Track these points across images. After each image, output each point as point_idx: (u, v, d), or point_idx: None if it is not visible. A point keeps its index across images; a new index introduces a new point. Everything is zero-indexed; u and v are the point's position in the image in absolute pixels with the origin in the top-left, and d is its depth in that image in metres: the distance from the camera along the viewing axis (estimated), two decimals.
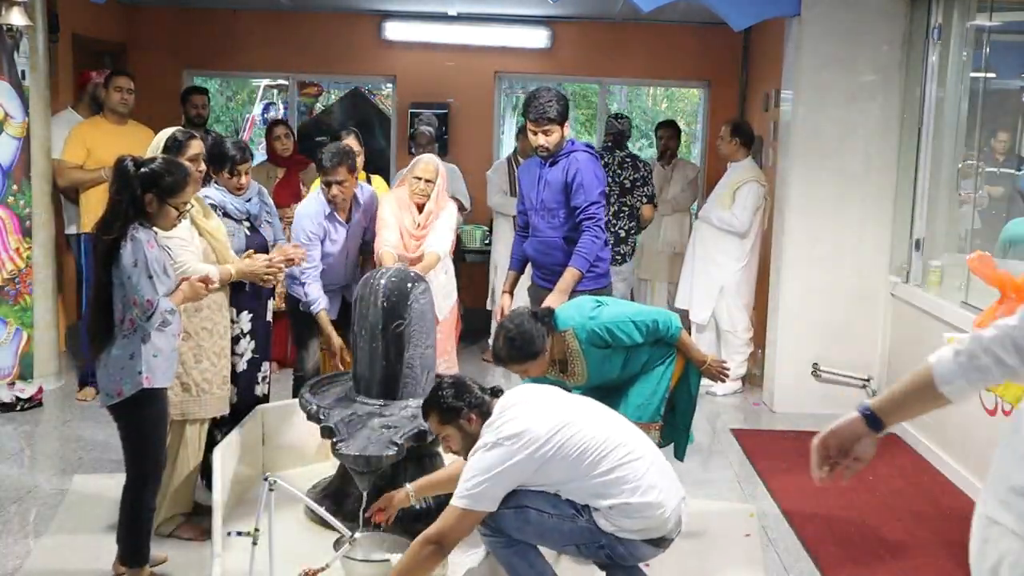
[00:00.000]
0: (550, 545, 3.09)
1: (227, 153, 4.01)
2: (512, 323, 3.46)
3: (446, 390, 3.06)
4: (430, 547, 2.91)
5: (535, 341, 3.42)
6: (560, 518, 2.95)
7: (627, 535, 2.95)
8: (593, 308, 3.61)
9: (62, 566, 3.68)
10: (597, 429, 2.97)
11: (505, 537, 2.98)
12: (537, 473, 2.92)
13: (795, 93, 5.88)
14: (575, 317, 3.58)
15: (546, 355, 3.49)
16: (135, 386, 3.22)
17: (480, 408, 3.03)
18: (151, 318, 3.16)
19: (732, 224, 6.18)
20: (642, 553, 3.02)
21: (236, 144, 4.09)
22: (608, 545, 2.96)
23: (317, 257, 4.60)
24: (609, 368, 3.64)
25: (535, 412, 2.97)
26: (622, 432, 3.05)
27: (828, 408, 5.91)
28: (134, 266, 3.11)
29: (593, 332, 3.53)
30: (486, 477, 2.87)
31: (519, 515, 2.94)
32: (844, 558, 3.97)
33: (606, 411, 3.18)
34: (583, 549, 3.02)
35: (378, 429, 3.60)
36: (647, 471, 2.96)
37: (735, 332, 6.36)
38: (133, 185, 3.15)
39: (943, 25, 5.46)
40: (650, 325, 3.59)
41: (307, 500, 3.38)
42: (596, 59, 8.36)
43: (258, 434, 4.21)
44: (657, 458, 3.08)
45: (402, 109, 8.38)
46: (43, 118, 5.74)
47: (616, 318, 3.57)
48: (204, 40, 8.19)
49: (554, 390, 3.24)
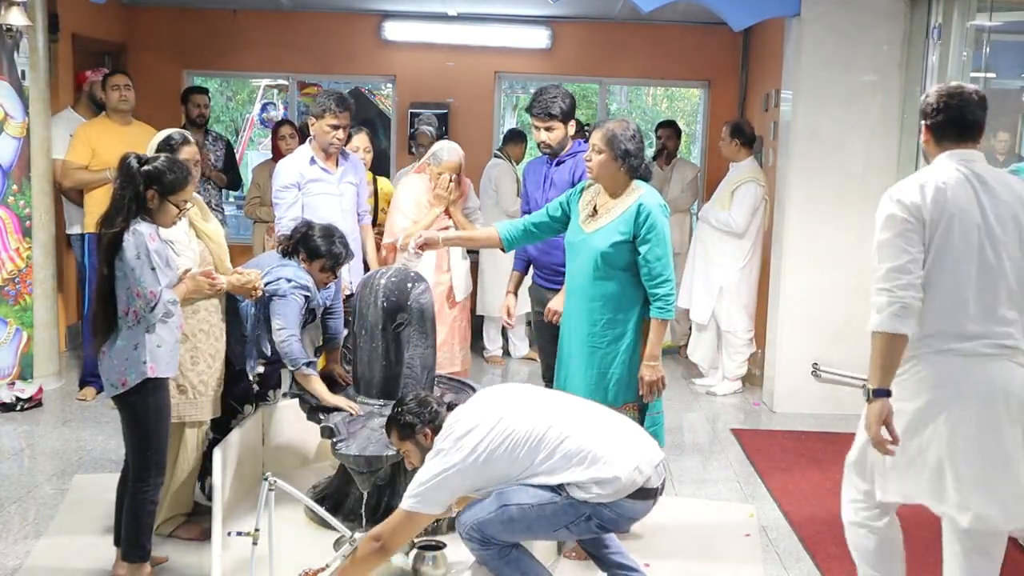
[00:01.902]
0: (541, 536, 3.10)
1: (332, 250, 3.90)
2: (627, 119, 3.76)
3: (407, 406, 3.16)
4: (374, 545, 3.00)
5: (637, 157, 3.67)
6: (540, 505, 2.95)
7: (606, 499, 2.93)
8: (664, 206, 3.72)
9: (62, 566, 3.68)
10: (527, 419, 3.00)
11: (495, 547, 2.99)
12: (482, 474, 2.97)
13: (795, 93, 5.88)
14: (650, 190, 3.73)
15: (620, 169, 3.68)
16: (139, 375, 3.27)
17: (434, 423, 3.11)
18: (155, 309, 3.22)
19: (729, 224, 6.19)
20: (630, 510, 2.99)
21: (342, 240, 3.96)
22: (594, 514, 2.95)
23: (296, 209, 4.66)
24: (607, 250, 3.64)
25: (473, 419, 3.04)
26: (554, 413, 3.05)
27: (828, 408, 5.97)
28: (137, 258, 3.18)
29: (651, 211, 3.62)
30: (430, 482, 2.95)
31: (500, 516, 2.96)
32: (844, 558, 3.95)
33: (544, 396, 3.23)
34: (574, 528, 3.01)
35: (378, 429, 3.60)
36: (588, 441, 2.96)
37: (735, 332, 6.36)
38: (136, 181, 3.23)
39: (943, 25, 5.47)
40: (668, 274, 3.64)
41: (307, 500, 3.38)
42: (596, 59, 8.36)
43: (258, 434, 4.21)
44: (601, 422, 3.08)
45: (402, 109, 8.39)
46: (43, 118, 5.74)
47: (668, 235, 3.67)
48: (204, 40, 8.20)
49: (501, 389, 3.28)
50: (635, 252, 3.63)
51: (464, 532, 3.02)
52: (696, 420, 5.93)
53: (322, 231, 3.96)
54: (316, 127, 4.72)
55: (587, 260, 3.71)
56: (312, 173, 4.75)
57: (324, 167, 4.76)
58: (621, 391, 3.68)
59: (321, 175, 4.76)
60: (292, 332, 3.74)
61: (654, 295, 3.64)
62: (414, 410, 3.13)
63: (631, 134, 3.66)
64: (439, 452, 2.99)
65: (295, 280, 3.82)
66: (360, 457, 3.44)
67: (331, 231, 3.97)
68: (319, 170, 4.76)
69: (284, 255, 3.95)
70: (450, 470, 2.95)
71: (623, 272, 3.67)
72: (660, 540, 4.03)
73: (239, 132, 12.46)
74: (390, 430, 3.21)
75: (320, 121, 4.69)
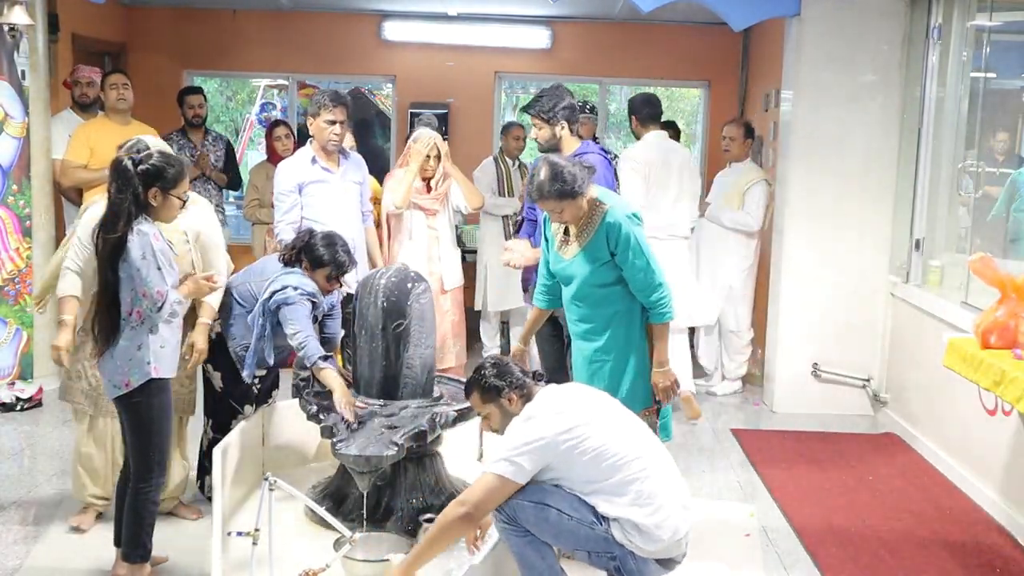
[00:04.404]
0: (563, 545, 3.10)
1: (336, 258, 3.91)
2: (563, 160, 3.57)
3: (488, 370, 3.13)
4: (460, 510, 2.96)
5: (578, 183, 3.49)
6: (579, 523, 2.96)
7: (640, 553, 2.96)
8: (635, 215, 3.65)
9: (62, 566, 3.68)
10: (622, 435, 3.00)
11: (522, 527, 2.99)
12: (562, 461, 2.94)
13: (795, 93, 5.88)
14: (618, 203, 3.65)
15: (582, 203, 3.54)
16: (143, 376, 3.27)
17: (521, 389, 3.09)
18: (161, 309, 3.23)
19: (747, 224, 6.18)
20: (650, 572, 3.03)
21: (344, 248, 3.95)
22: (620, 558, 2.98)
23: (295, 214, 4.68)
24: (591, 275, 3.62)
25: (569, 399, 3.06)
26: (644, 445, 3.06)
27: (828, 408, 5.97)
28: (143, 258, 3.18)
29: (619, 226, 3.54)
30: (522, 448, 2.92)
31: (539, 511, 2.96)
32: (844, 558, 3.97)
33: (630, 417, 3.19)
34: (594, 557, 3.03)
35: (378, 429, 3.60)
36: (660, 491, 2.97)
37: (738, 333, 6.35)
38: (134, 183, 3.21)
39: (943, 25, 5.46)
40: (657, 280, 3.59)
41: (307, 500, 3.38)
42: (596, 59, 8.36)
43: (258, 434, 4.21)
44: (674, 478, 3.09)
45: (402, 109, 8.38)
46: (43, 118, 5.74)
47: (644, 242, 3.59)
48: (204, 40, 8.20)
49: (591, 390, 3.30)
50: (618, 268, 3.61)
51: (499, 508, 3.00)
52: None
53: (324, 239, 3.94)
54: (314, 125, 4.73)
55: (576, 285, 3.71)
56: (314, 174, 4.75)
57: (325, 167, 4.76)
58: (638, 399, 3.66)
59: (323, 175, 4.76)
60: (308, 333, 3.76)
61: (648, 303, 3.63)
62: (499, 374, 3.10)
63: (564, 173, 3.49)
64: (531, 418, 2.97)
65: (301, 288, 3.82)
66: (360, 457, 3.44)
67: (333, 239, 3.96)
68: (320, 170, 4.76)
69: (286, 264, 3.94)
70: (541, 440, 2.91)
71: (614, 287, 3.65)
72: None
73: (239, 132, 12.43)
74: (469, 392, 3.18)
75: (317, 119, 4.70)
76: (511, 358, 3.30)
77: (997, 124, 5.36)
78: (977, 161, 5.32)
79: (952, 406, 4.90)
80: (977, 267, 3.77)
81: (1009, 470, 4.34)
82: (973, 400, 4.56)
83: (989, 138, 5.36)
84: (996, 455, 4.43)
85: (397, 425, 3.64)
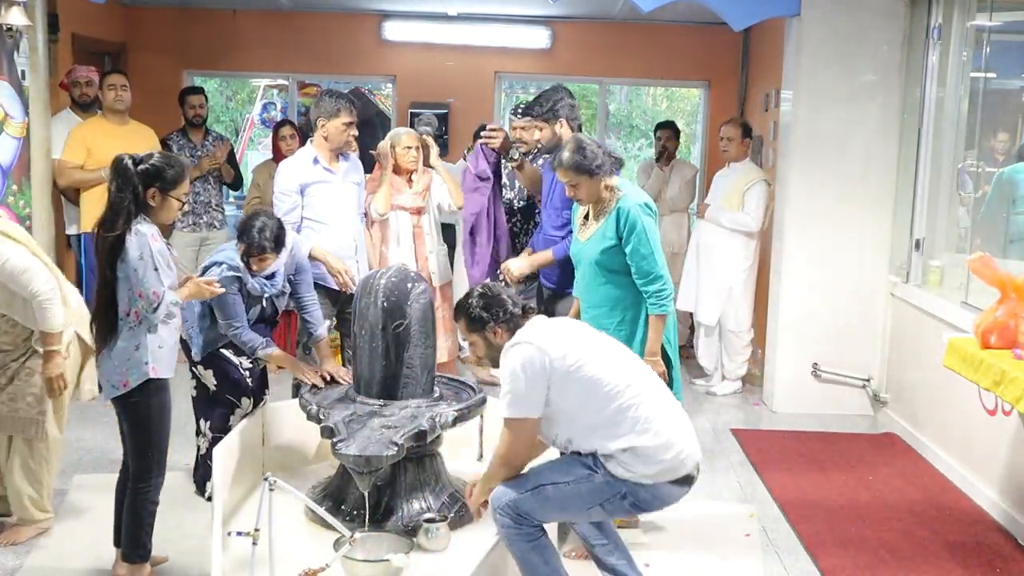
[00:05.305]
0: (575, 515, 3.10)
1: (251, 238, 3.90)
2: (589, 139, 3.76)
3: (476, 300, 3.16)
4: (503, 472, 3.05)
5: (598, 162, 3.66)
6: (576, 482, 2.97)
7: (645, 480, 2.95)
8: (648, 206, 3.76)
9: (62, 566, 3.68)
10: (613, 364, 3.04)
11: (526, 527, 2.98)
12: (556, 389, 2.95)
13: (795, 93, 5.88)
14: (634, 193, 3.78)
15: (599, 185, 3.72)
16: (141, 376, 3.27)
17: (508, 323, 3.11)
18: (157, 310, 3.23)
19: (747, 224, 6.18)
20: (667, 494, 3.00)
21: (262, 231, 3.91)
22: (630, 492, 2.96)
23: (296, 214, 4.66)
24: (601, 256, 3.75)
25: (565, 329, 3.13)
26: (634, 372, 3.09)
27: (828, 408, 5.97)
28: (140, 259, 3.19)
29: (630, 212, 3.68)
30: (519, 379, 2.93)
31: (536, 495, 2.98)
32: (844, 558, 3.97)
33: (622, 349, 3.25)
34: (608, 506, 3.01)
35: (378, 429, 3.59)
36: (656, 413, 2.98)
37: (739, 333, 6.35)
38: (134, 182, 3.22)
39: (943, 25, 5.46)
40: (658, 271, 3.69)
41: (307, 500, 3.37)
42: (596, 59, 8.36)
43: (258, 434, 4.21)
44: (668, 400, 3.12)
45: (402, 109, 8.38)
46: (43, 118, 5.73)
47: (652, 234, 3.70)
48: (204, 40, 8.20)
49: (580, 324, 3.39)
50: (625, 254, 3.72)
51: (497, 510, 3.02)
52: (696, 420, 5.91)
53: (250, 217, 4.00)
54: (329, 127, 4.69)
55: (586, 268, 3.86)
56: (315, 174, 4.74)
57: (327, 167, 4.76)
58: None
59: (325, 176, 4.76)
60: (239, 323, 3.92)
61: (646, 292, 3.72)
62: (486, 306, 3.11)
63: (587, 149, 3.69)
64: (520, 343, 2.97)
65: (227, 263, 3.91)
66: (360, 457, 3.43)
67: (256, 218, 3.97)
68: (322, 170, 4.75)
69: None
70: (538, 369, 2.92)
71: (621, 275, 3.76)
72: (660, 540, 4.03)
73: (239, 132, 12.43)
74: (457, 318, 3.21)
75: (335, 119, 4.68)
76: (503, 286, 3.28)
77: (997, 124, 5.36)
78: (977, 161, 5.32)
79: (952, 406, 4.90)
80: (977, 267, 3.77)
81: (1009, 470, 4.34)
82: (973, 400, 4.56)
83: (989, 138, 5.36)
84: (996, 455, 4.43)
85: (397, 425, 3.63)
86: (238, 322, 3.93)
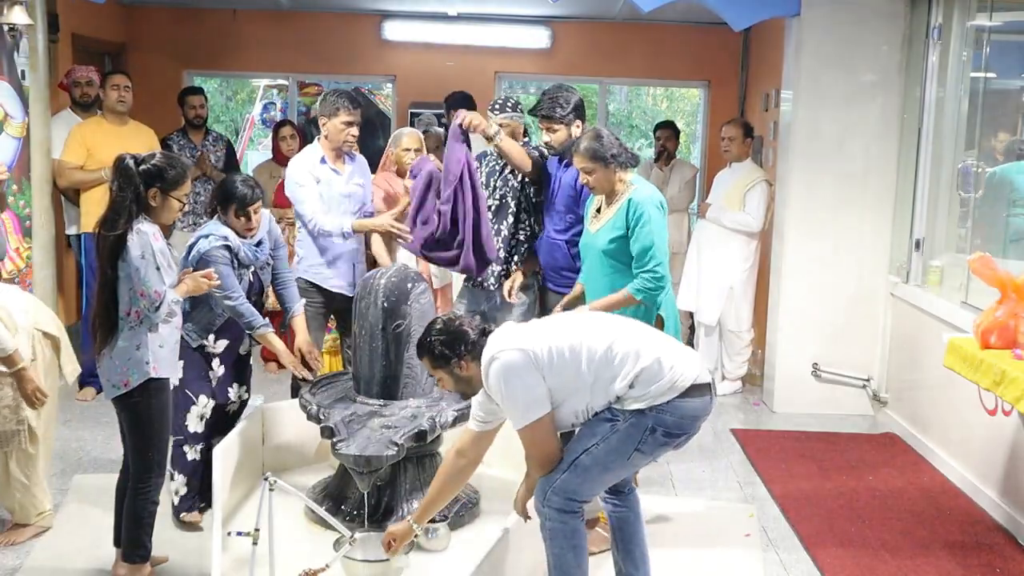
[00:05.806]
0: (620, 471, 3.06)
1: (235, 192, 3.86)
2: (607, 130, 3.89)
3: (435, 336, 3.06)
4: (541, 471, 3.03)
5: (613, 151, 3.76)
6: (604, 439, 2.95)
7: (662, 399, 2.93)
8: (660, 203, 3.82)
9: (62, 566, 3.68)
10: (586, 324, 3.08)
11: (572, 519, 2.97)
12: (551, 375, 2.93)
13: (795, 93, 5.88)
14: (646, 189, 3.84)
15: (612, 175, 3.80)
16: (142, 375, 3.28)
17: (473, 353, 3.04)
18: (159, 309, 3.24)
19: (749, 224, 6.17)
20: (690, 408, 2.98)
21: (246, 182, 3.92)
22: (656, 423, 2.94)
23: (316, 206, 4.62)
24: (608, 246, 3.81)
25: (523, 325, 3.16)
26: (607, 321, 3.13)
27: (828, 408, 5.97)
28: (142, 258, 3.20)
29: (640, 204, 3.73)
30: (514, 387, 2.90)
31: (576, 470, 2.97)
32: (844, 558, 3.97)
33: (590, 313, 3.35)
34: (645, 448, 2.98)
35: (378, 429, 3.60)
36: (639, 342, 2.99)
37: (739, 333, 6.35)
38: (136, 182, 3.23)
39: (943, 25, 5.46)
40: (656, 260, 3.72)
41: (307, 500, 3.38)
42: (596, 59, 8.36)
43: (258, 434, 4.21)
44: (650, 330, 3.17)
45: (402, 109, 8.38)
46: (43, 118, 5.73)
47: (659, 228, 3.74)
48: (204, 40, 8.20)
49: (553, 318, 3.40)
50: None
51: (543, 502, 3.00)
52: None
53: (225, 182, 3.96)
54: (329, 125, 4.69)
55: (595, 259, 3.90)
56: (322, 173, 4.73)
57: (334, 167, 4.74)
58: None
59: (331, 175, 4.74)
60: (237, 294, 3.84)
61: (635, 271, 3.75)
62: (448, 342, 3.04)
63: (605, 138, 3.79)
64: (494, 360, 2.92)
65: (213, 233, 3.83)
66: (360, 457, 3.44)
67: (233, 177, 3.98)
68: (329, 170, 4.73)
69: (209, 217, 3.99)
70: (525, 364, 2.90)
71: (628, 267, 3.80)
72: (660, 540, 4.03)
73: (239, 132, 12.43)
74: (421, 356, 3.15)
75: (334, 119, 4.67)
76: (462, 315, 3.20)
77: (997, 124, 5.36)
78: (977, 161, 5.32)
79: (952, 406, 4.90)
80: (977, 267, 3.77)
81: (1009, 470, 4.34)
82: (973, 400, 4.56)
83: (989, 138, 5.36)
84: (996, 455, 4.43)
85: (397, 425, 3.64)
86: (235, 293, 3.82)
